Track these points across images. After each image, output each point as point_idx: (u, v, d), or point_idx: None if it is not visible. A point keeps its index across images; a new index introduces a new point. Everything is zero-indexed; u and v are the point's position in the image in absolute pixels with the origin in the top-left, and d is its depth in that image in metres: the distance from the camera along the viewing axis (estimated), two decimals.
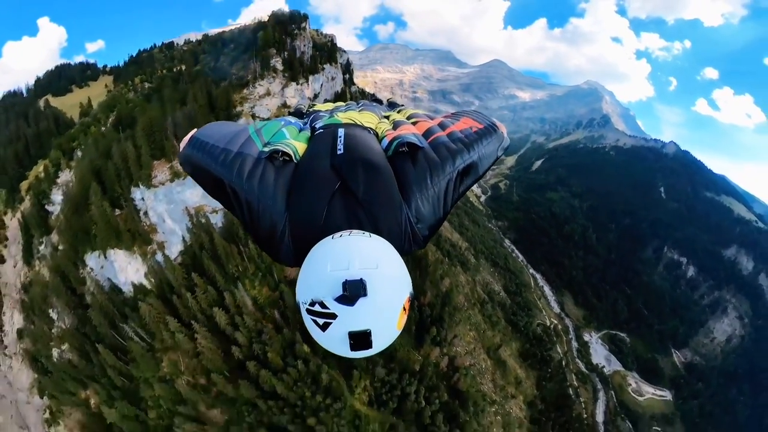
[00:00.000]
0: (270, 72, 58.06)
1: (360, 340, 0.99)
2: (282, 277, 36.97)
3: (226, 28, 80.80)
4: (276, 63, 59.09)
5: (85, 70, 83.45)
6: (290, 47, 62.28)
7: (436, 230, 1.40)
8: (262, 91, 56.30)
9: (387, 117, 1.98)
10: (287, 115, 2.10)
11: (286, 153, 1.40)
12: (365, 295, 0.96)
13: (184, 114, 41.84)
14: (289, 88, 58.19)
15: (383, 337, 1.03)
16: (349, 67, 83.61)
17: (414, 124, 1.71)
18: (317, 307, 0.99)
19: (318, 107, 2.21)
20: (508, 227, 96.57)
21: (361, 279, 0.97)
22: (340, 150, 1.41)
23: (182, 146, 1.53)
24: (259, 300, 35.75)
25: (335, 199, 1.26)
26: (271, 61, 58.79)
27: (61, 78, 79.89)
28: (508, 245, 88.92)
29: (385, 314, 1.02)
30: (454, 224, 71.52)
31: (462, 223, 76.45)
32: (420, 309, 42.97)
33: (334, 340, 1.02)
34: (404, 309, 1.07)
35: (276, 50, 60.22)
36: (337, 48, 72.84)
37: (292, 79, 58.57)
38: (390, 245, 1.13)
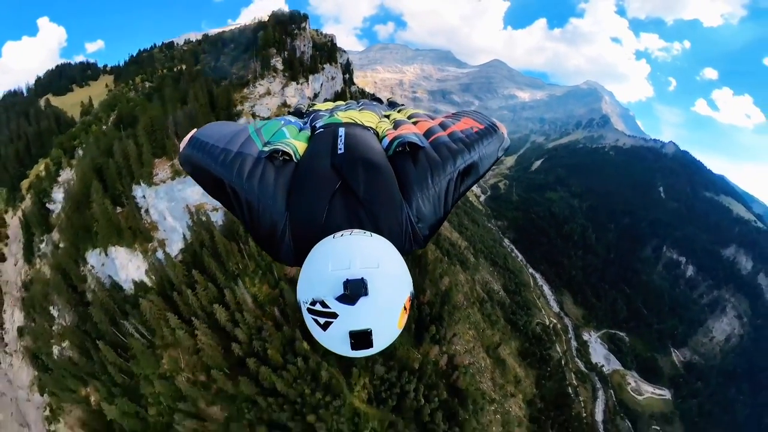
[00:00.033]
0: (270, 71, 58.27)
1: (361, 339, 0.99)
2: (282, 275, 37.08)
3: (226, 28, 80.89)
4: (276, 63, 59.31)
5: (85, 70, 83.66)
6: (290, 47, 62.49)
7: (436, 230, 1.40)
8: (262, 91, 56.52)
9: (387, 116, 1.99)
10: (287, 114, 2.10)
11: (286, 152, 1.40)
12: (366, 294, 0.96)
13: (185, 113, 42.04)
14: (289, 88, 58.42)
15: (384, 337, 1.03)
16: (349, 67, 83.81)
17: (415, 123, 1.72)
18: (318, 307, 0.99)
19: (318, 107, 2.21)
20: (507, 227, 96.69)
21: (362, 278, 0.97)
22: (340, 149, 1.41)
23: (182, 146, 1.53)
24: (259, 297, 35.88)
25: (336, 199, 1.27)
26: (271, 61, 59.00)
27: (62, 77, 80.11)
28: (508, 245, 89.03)
29: (385, 313, 1.01)
30: (454, 223, 71.60)
31: (461, 222, 76.53)
32: (419, 307, 43.02)
33: (335, 340, 1.02)
34: (405, 308, 1.07)
35: (276, 50, 60.44)
36: (336, 48, 73.04)
37: (292, 79, 58.79)
38: (391, 245, 1.13)
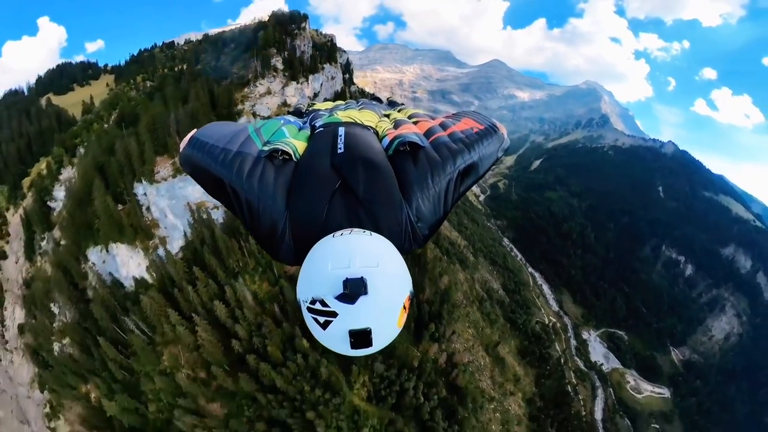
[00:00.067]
0: (270, 71, 58.44)
1: (360, 338, 0.99)
2: (282, 273, 37.20)
3: (226, 28, 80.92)
4: (276, 62, 59.48)
5: (86, 69, 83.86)
6: (290, 47, 62.66)
7: (436, 229, 1.41)
8: (262, 90, 56.70)
9: (387, 116, 2.00)
10: (287, 114, 2.10)
11: (285, 152, 1.41)
12: (366, 293, 0.96)
13: (186, 111, 42.29)
14: (290, 87, 58.61)
15: (383, 336, 1.04)
16: (348, 66, 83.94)
17: (415, 123, 1.72)
18: (318, 306, 0.99)
19: (317, 106, 2.22)
20: (506, 226, 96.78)
21: (362, 277, 0.97)
22: (340, 149, 1.41)
23: (182, 146, 1.53)
24: (259, 295, 36.02)
25: (336, 198, 1.27)
26: (271, 61, 59.17)
27: (63, 77, 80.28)
28: (507, 244, 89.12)
29: (385, 313, 1.02)
30: (453, 223, 71.68)
31: (461, 221, 76.64)
32: (419, 305, 43.08)
33: (334, 339, 1.02)
34: (404, 308, 1.07)
35: (276, 50, 60.59)
36: (336, 48, 73.23)
37: (293, 79, 58.96)
38: (390, 244, 1.14)
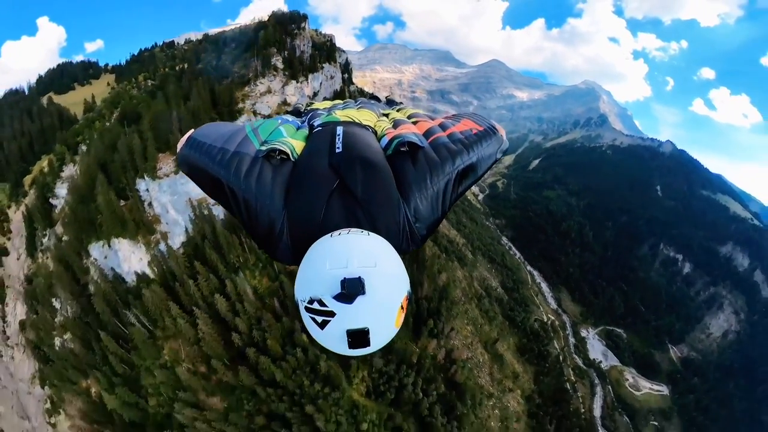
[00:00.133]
0: (271, 70, 58.83)
1: (358, 338, 0.99)
2: (282, 269, 37.39)
3: (226, 28, 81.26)
4: (276, 62, 59.87)
5: (87, 69, 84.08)
6: (290, 46, 63.06)
7: (434, 230, 1.40)
8: (263, 89, 57.10)
9: (386, 115, 2.00)
10: (285, 113, 2.11)
11: (283, 151, 1.41)
12: (364, 293, 0.96)
13: (188, 109, 42.67)
14: (290, 86, 59.00)
15: (381, 336, 1.03)
16: (347, 66, 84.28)
17: (414, 123, 1.73)
18: (316, 305, 0.99)
19: (316, 105, 2.22)
20: (505, 225, 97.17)
21: (360, 277, 0.97)
22: (338, 148, 1.41)
23: (179, 147, 1.52)
24: (259, 290, 36.30)
25: (334, 198, 1.27)
26: (271, 60, 59.57)
27: (63, 76, 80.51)
28: (506, 243, 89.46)
29: (383, 312, 1.02)
30: (452, 221, 71.94)
31: (460, 220, 76.93)
32: (417, 302, 43.33)
33: (332, 338, 1.02)
34: (402, 307, 1.07)
35: (276, 49, 61.03)
36: (335, 47, 73.70)
37: (292, 78, 59.33)
38: (388, 244, 1.14)
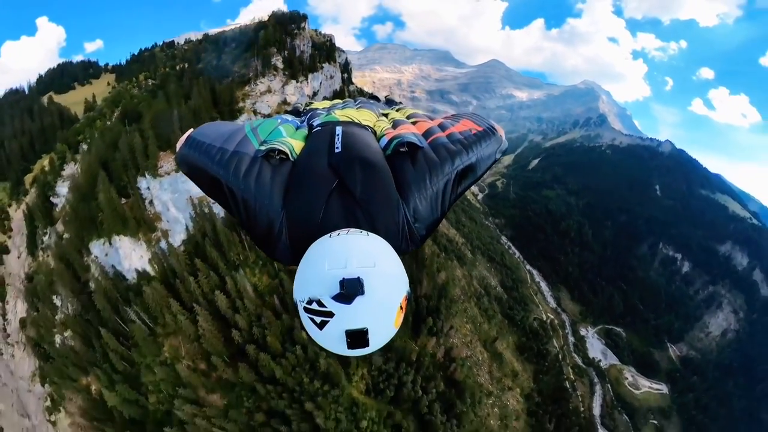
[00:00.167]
0: (271, 70, 59.04)
1: (357, 338, 0.99)
2: (282, 266, 37.63)
3: (226, 28, 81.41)
4: (276, 61, 60.08)
5: (87, 68, 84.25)
6: (290, 46, 63.29)
7: (433, 230, 1.41)
8: (263, 89, 57.31)
9: (385, 115, 2.00)
10: (284, 113, 2.11)
11: (282, 151, 1.41)
12: (362, 293, 0.96)
13: (189, 108, 42.87)
14: (289, 86, 59.22)
15: (380, 336, 1.03)
16: (347, 66, 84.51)
17: (414, 123, 1.73)
18: (314, 306, 0.99)
19: (315, 105, 2.23)
20: (504, 224, 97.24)
21: (359, 277, 0.97)
22: (338, 148, 1.41)
23: (179, 146, 1.52)
24: (259, 287, 36.45)
25: (333, 198, 1.27)
26: (271, 60, 59.81)
27: (63, 76, 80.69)
28: (505, 242, 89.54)
29: (382, 313, 1.02)
30: (451, 220, 72.05)
31: (459, 219, 77.04)
32: (416, 300, 43.44)
33: (331, 339, 1.02)
34: (401, 308, 1.07)
35: (276, 49, 61.27)
36: (335, 47, 73.96)
37: (292, 77, 59.54)
38: (387, 244, 1.14)
